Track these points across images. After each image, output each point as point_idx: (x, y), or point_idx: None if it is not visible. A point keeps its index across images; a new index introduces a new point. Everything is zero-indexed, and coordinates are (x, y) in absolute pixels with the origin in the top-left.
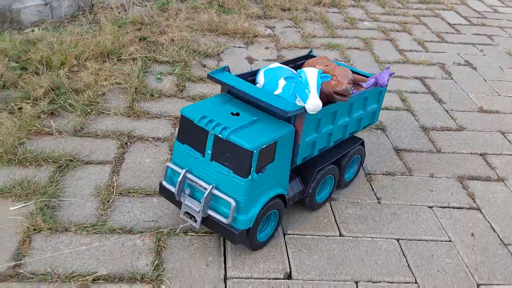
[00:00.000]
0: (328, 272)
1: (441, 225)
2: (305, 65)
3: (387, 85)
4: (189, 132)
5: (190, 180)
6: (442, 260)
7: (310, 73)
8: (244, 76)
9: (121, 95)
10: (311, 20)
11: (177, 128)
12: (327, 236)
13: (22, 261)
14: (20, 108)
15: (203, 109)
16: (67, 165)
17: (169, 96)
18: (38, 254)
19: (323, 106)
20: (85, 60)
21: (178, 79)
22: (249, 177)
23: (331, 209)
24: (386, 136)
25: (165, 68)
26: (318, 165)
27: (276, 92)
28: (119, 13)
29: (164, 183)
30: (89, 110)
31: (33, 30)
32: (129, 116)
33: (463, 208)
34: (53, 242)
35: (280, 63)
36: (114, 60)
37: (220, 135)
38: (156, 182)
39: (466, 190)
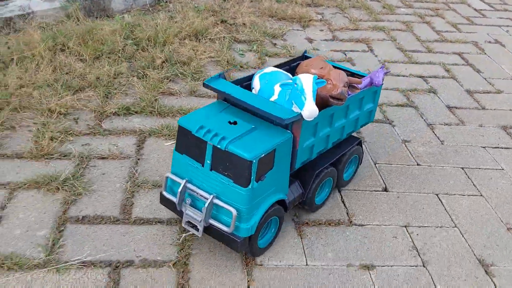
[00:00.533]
0: (414, 188)
1: (494, 159)
2: (300, 66)
3: (382, 84)
4: (188, 142)
5: (191, 190)
6: (498, 181)
7: (306, 80)
8: (239, 82)
9: (217, 66)
10: (354, 7)
11: None
12: (407, 165)
13: None
14: (144, 74)
15: (201, 118)
16: None
17: (254, 68)
18: None
19: (319, 110)
20: (180, 39)
21: (257, 54)
22: (249, 186)
23: (406, 147)
24: (438, 97)
25: (243, 46)
26: (317, 168)
27: (272, 98)
28: (191, 2)
29: (164, 193)
30: (197, 77)
31: (123, 17)
32: None
33: (510, 148)
34: None
35: (275, 66)
36: (205, 39)
37: (219, 146)
38: None
39: (510, 136)
